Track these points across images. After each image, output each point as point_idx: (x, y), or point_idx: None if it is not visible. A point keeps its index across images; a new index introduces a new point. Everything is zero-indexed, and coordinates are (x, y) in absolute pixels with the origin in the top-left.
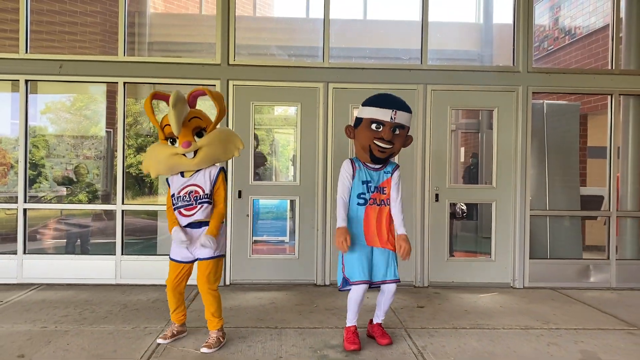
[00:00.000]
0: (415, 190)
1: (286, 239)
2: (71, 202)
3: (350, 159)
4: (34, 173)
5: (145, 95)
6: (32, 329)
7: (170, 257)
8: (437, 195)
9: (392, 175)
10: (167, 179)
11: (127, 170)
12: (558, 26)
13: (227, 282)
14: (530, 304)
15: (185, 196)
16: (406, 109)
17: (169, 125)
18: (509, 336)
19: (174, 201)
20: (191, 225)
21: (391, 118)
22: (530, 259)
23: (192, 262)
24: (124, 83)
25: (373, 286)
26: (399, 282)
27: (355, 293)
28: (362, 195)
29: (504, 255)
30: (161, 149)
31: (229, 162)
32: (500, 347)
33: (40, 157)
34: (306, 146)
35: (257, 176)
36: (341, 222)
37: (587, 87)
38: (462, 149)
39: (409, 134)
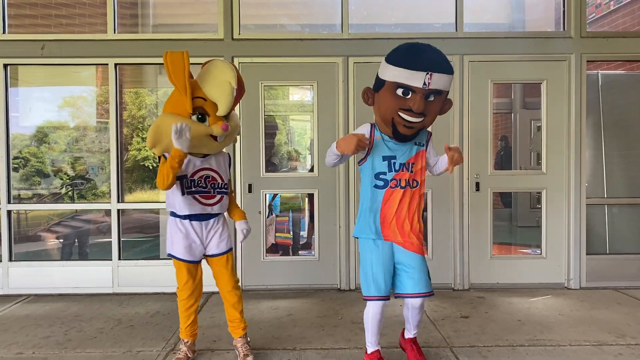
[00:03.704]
0: (452, 179)
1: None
2: (58, 200)
3: (371, 124)
4: (29, 169)
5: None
6: (4, 357)
7: (177, 258)
8: (477, 184)
9: (426, 148)
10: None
11: (142, 164)
12: None
13: None
14: (593, 310)
15: (201, 181)
16: (446, 69)
17: (203, 98)
18: (580, 356)
19: (185, 184)
20: (203, 216)
21: (424, 84)
22: (587, 254)
23: (200, 262)
24: (115, 64)
25: (398, 297)
26: (432, 294)
27: (371, 310)
28: (381, 176)
29: (556, 251)
30: (192, 127)
31: (237, 153)
32: None
33: (33, 152)
34: (325, 131)
35: (270, 167)
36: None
37: None
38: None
39: (447, 97)
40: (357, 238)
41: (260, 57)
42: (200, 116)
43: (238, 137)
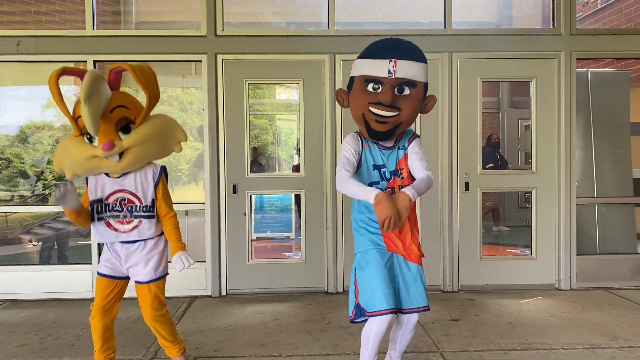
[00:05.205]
0: (441, 179)
1: (291, 234)
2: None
3: (356, 133)
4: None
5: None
6: None
7: (98, 272)
8: (467, 184)
9: (408, 148)
10: (86, 178)
11: None
12: None
13: (223, 293)
14: (585, 312)
15: (116, 205)
16: (413, 55)
17: None
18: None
19: (97, 208)
20: (122, 243)
21: (389, 72)
22: (577, 254)
23: (126, 279)
24: (94, 62)
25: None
26: (429, 309)
27: (377, 327)
28: (375, 186)
29: (546, 252)
30: (76, 147)
31: (221, 153)
32: None
33: (15, 153)
34: (311, 131)
35: (256, 168)
36: (371, 190)
37: None
38: None
39: (428, 93)
40: (357, 254)
41: (245, 54)
42: (89, 136)
43: (179, 144)
